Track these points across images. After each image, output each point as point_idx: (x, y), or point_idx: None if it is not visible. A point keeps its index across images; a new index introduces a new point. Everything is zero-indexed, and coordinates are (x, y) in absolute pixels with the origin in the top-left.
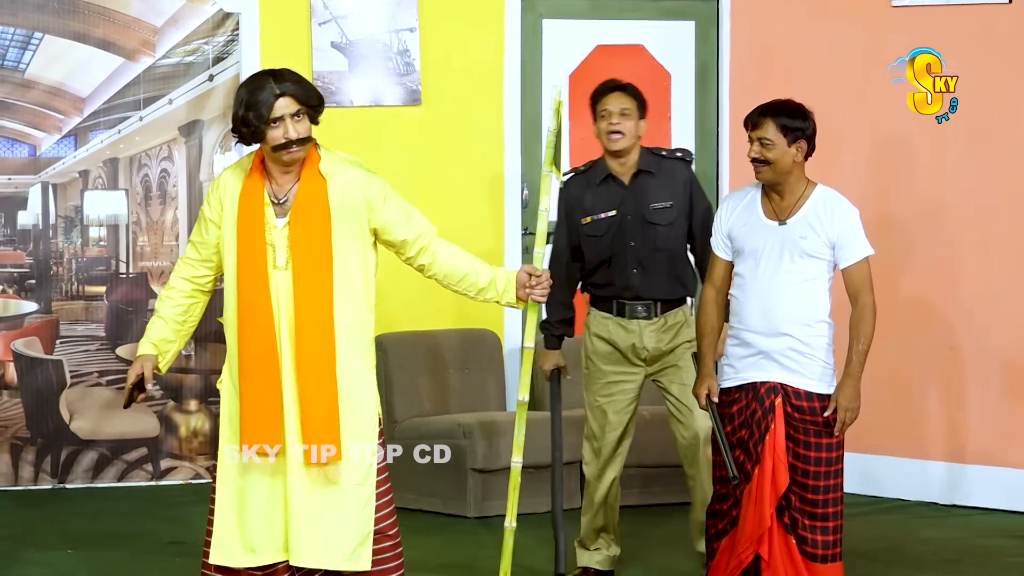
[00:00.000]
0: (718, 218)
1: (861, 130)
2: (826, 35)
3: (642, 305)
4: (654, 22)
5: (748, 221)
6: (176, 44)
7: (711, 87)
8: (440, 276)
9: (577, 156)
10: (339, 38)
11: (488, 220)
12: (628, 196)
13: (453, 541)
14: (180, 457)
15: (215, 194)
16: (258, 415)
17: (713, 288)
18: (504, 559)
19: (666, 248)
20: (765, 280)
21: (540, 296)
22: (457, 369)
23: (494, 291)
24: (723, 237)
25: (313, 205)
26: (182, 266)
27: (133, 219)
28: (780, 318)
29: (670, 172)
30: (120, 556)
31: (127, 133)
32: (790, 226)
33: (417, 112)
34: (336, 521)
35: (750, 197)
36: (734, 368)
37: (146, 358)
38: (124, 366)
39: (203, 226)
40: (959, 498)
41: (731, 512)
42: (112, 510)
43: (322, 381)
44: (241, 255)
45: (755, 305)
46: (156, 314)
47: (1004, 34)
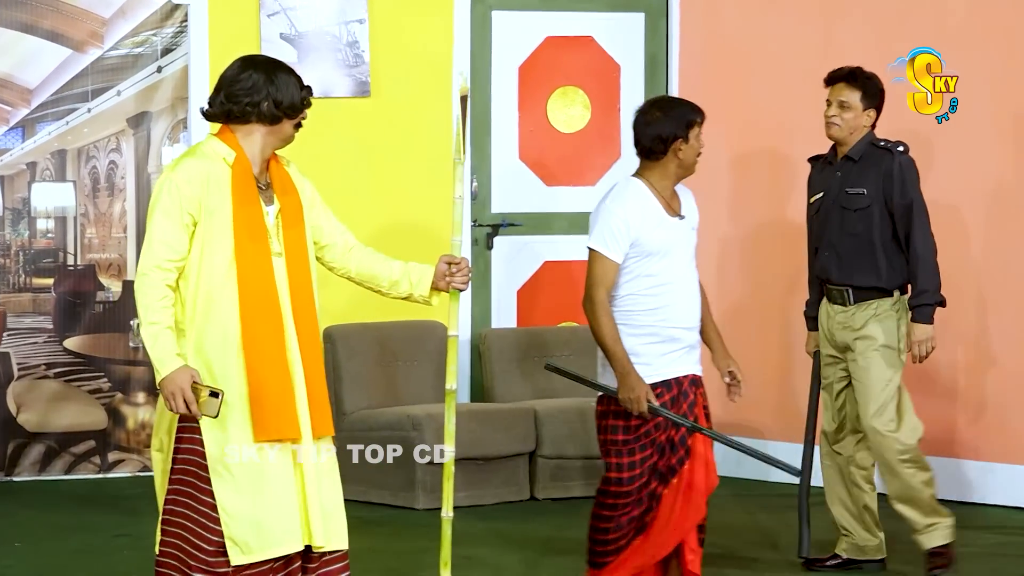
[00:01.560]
0: (619, 222)
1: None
2: (777, 26)
3: (837, 291)
4: (604, 14)
5: (656, 221)
6: (125, 35)
7: (661, 79)
8: (354, 273)
9: (527, 150)
10: (288, 29)
11: (437, 212)
12: (834, 181)
13: (401, 532)
14: (128, 450)
15: (188, 187)
16: (278, 409)
17: (606, 292)
18: (444, 549)
19: (856, 234)
20: (685, 274)
21: (460, 284)
22: (406, 361)
23: (407, 283)
24: (625, 242)
25: (292, 193)
26: (163, 271)
27: (81, 211)
28: (695, 310)
29: (876, 161)
30: (68, 548)
31: (75, 125)
32: (686, 220)
33: (367, 104)
34: (337, 503)
35: (645, 195)
36: (650, 366)
37: (184, 369)
38: (71, 359)
39: (178, 223)
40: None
41: (643, 518)
42: (60, 503)
43: (321, 369)
44: (243, 244)
45: (683, 301)
46: (161, 324)
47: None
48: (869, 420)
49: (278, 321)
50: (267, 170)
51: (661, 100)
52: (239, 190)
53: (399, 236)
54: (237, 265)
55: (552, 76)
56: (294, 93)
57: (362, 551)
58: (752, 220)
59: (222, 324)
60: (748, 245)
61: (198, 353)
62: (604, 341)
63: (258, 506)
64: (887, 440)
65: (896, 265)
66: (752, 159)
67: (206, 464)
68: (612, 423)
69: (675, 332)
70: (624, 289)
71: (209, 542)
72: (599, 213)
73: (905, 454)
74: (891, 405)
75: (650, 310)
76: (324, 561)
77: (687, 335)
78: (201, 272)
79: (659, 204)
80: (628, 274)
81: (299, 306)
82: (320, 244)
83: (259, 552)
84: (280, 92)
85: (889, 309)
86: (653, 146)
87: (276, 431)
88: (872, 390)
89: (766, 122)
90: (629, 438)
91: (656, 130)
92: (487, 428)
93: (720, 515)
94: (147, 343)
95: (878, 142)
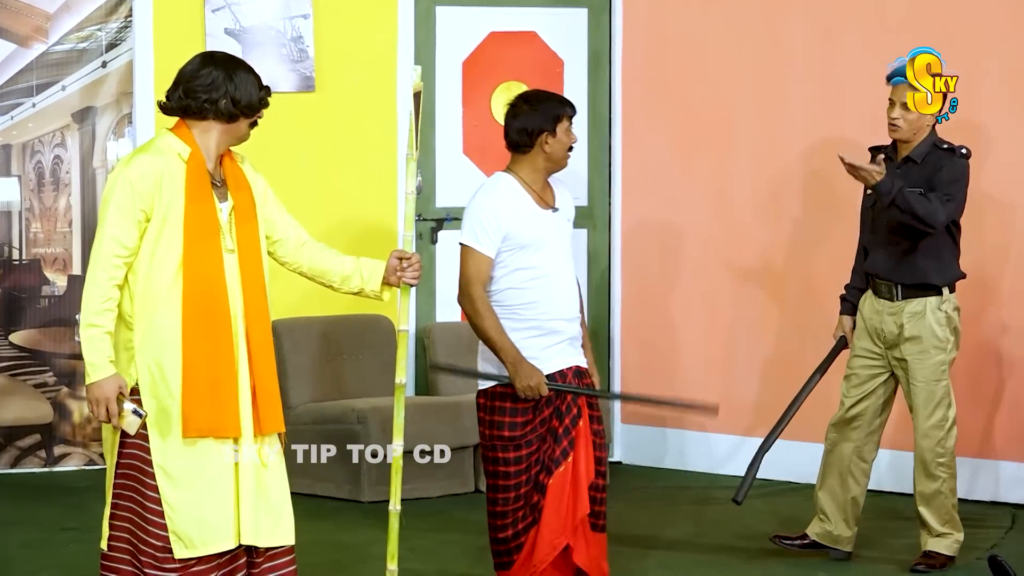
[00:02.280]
0: (489, 217)
1: (759, 115)
2: (719, 21)
3: (885, 285)
4: (547, 9)
5: (529, 214)
6: (69, 30)
7: (604, 74)
8: (306, 268)
9: (470, 141)
10: (232, 24)
11: (382, 207)
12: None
13: (347, 525)
14: (74, 443)
15: (142, 183)
16: (214, 406)
17: (482, 287)
18: (391, 542)
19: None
20: (562, 266)
21: (411, 278)
22: (351, 355)
23: (359, 278)
24: (497, 237)
25: (245, 189)
26: (112, 268)
27: (26, 206)
28: (574, 301)
29: (937, 162)
30: (14, 542)
31: (20, 120)
32: (560, 212)
33: (311, 98)
34: (284, 499)
35: (515, 190)
36: (537, 360)
37: (114, 379)
38: (17, 353)
39: (130, 219)
40: None
41: (533, 512)
42: (5, 497)
43: (271, 366)
44: (193, 239)
45: (561, 293)
46: (101, 328)
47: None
48: (923, 420)
49: (225, 318)
50: (221, 166)
51: (531, 94)
52: (193, 187)
53: (343, 230)
54: (184, 262)
55: (496, 71)
56: (252, 92)
57: (308, 544)
58: (694, 213)
59: (168, 320)
60: (689, 238)
61: (144, 347)
62: (489, 334)
63: (201, 503)
64: (931, 441)
65: (946, 261)
66: (693, 152)
67: (151, 459)
68: (498, 419)
69: (556, 324)
70: (502, 283)
71: (156, 536)
72: (469, 209)
73: (943, 457)
74: (944, 404)
75: (529, 303)
76: (269, 556)
77: (567, 327)
78: (152, 268)
79: (530, 197)
80: (504, 268)
81: (250, 303)
82: (272, 239)
83: (202, 547)
84: (239, 90)
85: (937, 308)
86: (519, 139)
87: (208, 428)
88: (925, 389)
89: (707, 115)
90: (516, 433)
91: (522, 123)
92: (432, 421)
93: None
94: (84, 346)
95: (941, 144)
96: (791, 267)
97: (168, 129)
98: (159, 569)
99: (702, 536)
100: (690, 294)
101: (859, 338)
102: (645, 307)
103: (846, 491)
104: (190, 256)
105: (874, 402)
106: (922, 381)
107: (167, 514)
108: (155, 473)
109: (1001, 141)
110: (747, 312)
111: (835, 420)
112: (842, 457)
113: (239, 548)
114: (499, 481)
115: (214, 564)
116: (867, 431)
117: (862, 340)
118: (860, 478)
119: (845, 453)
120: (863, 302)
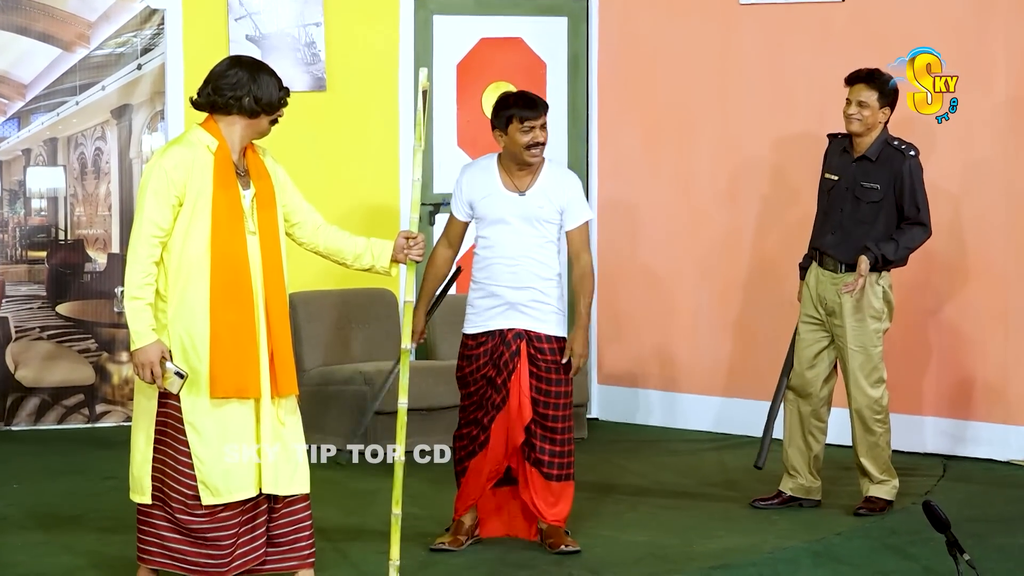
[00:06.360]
0: (459, 185)
1: (719, 112)
2: (683, 30)
3: (831, 260)
4: (531, 17)
5: (489, 192)
6: (108, 37)
7: (582, 76)
8: (322, 248)
9: (464, 137)
10: (253, 32)
11: (385, 193)
12: (851, 171)
13: (356, 476)
14: (113, 402)
15: (176, 172)
16: (237, 370)
17: (448, 246)
18: (396, 487)
19: (865, 222)
20: (513, 243)
21: (417, 256)
22: (358, 324)
23: (370, 256)
24: (463, 203)
25: (266, 178)
26: (151, 248)
27: (71, 192)
28: (525, 274)
29: (889, 159)
30: (60, 489)
31: (65, 116)
32: (528, 197)
33: (323, 97)
34: (300, 451)
35: (488, 170)
36: (480, 317)
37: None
38: (63, 322)
39: (165, 203)
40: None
41: (479, 437)
42: (53, 449)
43: (287, 336)
44: (219, 223)
45: (504, 264)
46: (143, 300)
47: (838, 31)
48: (859, 380)
49: (248, 293)
50: (244, 157)
51: (500, 98)
52: (220, 176)
53: (351, 214)
54: (212, 243)
55: (486, 73)
56: (273, 92)
57: (322, 492)
58: (661, 198)
59: (198, 294)
60: (657, 220)
61: (177, 319)
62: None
63: (226, 456)
64: (869, 399)
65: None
66: (661, 144)
67: (182, 418)
68: (462, 357)
69: (497, 289)
70: (474, 249)
71: (187, 486)
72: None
73: (879, 413)
74: (880, 367)
75: (480, 268)
76: (287, 502)
77: (509, 294)
78: (184, 247)
79: (498, 178)
80: (475, 236)
81: (270, 279)
82: (291, 222)
83: (227, 495)
84: (261, 90)
85: (875, 283)
86: (493, 134)
87: (233, 390)
88: (863, 353)
89: (673, 112)
90: (464, 373)
91: (491, 123)
92: (431, 382)
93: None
94: (128, 316)
95: (892, 141)
96: (747, 245)
97: (198, 124)
98: (189, 515)
99: (665, 483)
100: (657, 269)
101: (804, 306)
102: (618, 280)
103: (809, 449)
104: (217, 237)
105: (822, 371)
106: (860, 346)
107: (196, 466)
108: (186, 430)
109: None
110: (709, 285)
111: (793, 385)
112: (803, 419)
113: (260, 496)
114: (462, 403)
115: (238, 510)
116: (819, 396)
117: (807, 307)
118: (819, 436)
119: (804, 414)
120: (809, 273)
